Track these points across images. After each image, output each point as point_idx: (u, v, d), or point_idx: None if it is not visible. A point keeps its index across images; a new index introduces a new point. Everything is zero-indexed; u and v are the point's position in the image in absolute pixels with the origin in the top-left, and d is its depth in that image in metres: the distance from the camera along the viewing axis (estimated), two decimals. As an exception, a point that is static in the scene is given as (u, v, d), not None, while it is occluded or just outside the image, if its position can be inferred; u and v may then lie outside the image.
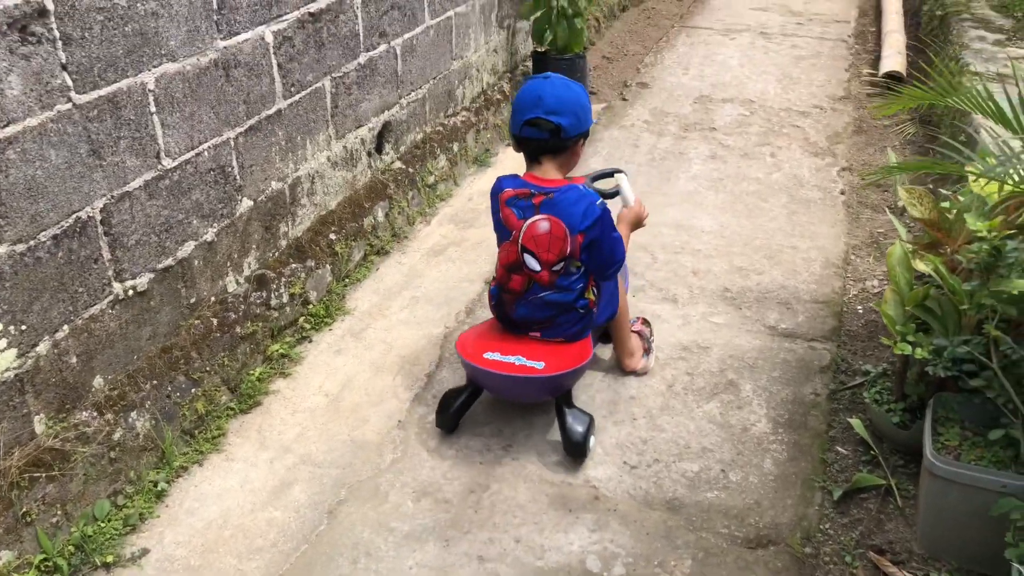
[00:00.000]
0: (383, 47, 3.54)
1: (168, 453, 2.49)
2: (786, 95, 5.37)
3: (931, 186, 4.11)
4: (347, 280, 3.40)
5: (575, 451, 2.53)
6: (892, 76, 5.31)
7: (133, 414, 2.40)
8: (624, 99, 5.36)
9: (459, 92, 4.35)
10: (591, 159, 4.53)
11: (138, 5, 2.27)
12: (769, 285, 3.42)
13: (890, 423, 2.53)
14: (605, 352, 3.02)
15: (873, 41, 6.41)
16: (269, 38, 2.82)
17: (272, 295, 2.96)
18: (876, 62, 5.84)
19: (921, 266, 2.42)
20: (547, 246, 2.50)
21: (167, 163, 2.47)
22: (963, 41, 4.97)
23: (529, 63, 5.11)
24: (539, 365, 2.52)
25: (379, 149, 3.68)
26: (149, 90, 2.36)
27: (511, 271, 2.59)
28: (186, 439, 2.59)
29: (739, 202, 4.09)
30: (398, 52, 3.66)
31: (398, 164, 3.82)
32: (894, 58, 5.50)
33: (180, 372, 2.58)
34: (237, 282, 2.87)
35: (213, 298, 2.77)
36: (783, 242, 3.73)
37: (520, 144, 2.58)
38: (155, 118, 2.40)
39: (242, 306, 2.84)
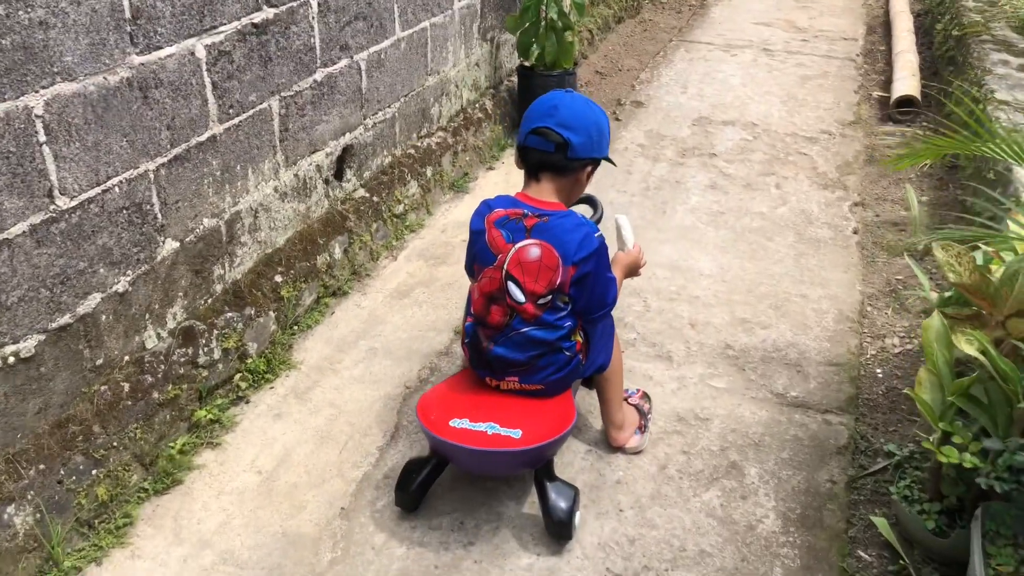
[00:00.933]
0: (344, 62, 3.12)
1: (56, 554, 2.06)
2: (791, 118, 4.97)
3: (951, 226, 3.73)
4: (295, 328, 2.98)
5: (559, 531, 2.18)
6: (906, 101, 4.92)
7: (10, 508, 1.98)
8: (617, 119, 4.96)
9: (435, 110, 3.93)
10: (579, 187, 4.12)
11: (20, 13, 1.85)
12: (776, 342, 3.01)
13: (923, 528, 2.13)
14: (594, 419, 2.61)
15: (883, 61, 6.02)
16: (201, 53, 2.40)
17: (201, 351, 2.54)
18: (887, 84, 5.46)
19: (965, 346, 2.01)
20: (536, 275, 2.15)
21: (63, 203, 2.05)
22: (985, 65, 4.58)
23: (515, 78, 4.70)
24: (515, 434, 2.13)
25: (339, 176, 3.26)
26: (36, 116, 1.93)
27: (492, 301, 2.22)
28: (83, 532, 2.16)
29: (742, 240, 3.68)
30: (363, 67, 3.25)
31: (361, 192, 3.40)
32: (907, 81, 5.11)
33: (77, 451, 2.15)
34: (159, 336, 2.45)
35: (127, 358, 2.34)
36: (791, 289, 3.33)
37: (523, 156, 2.26)
38: (45, 149, 1.97)
39: (162, 366, 2.42)
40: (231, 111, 2.57)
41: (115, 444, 2.25)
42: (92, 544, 2.16)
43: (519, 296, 2.18)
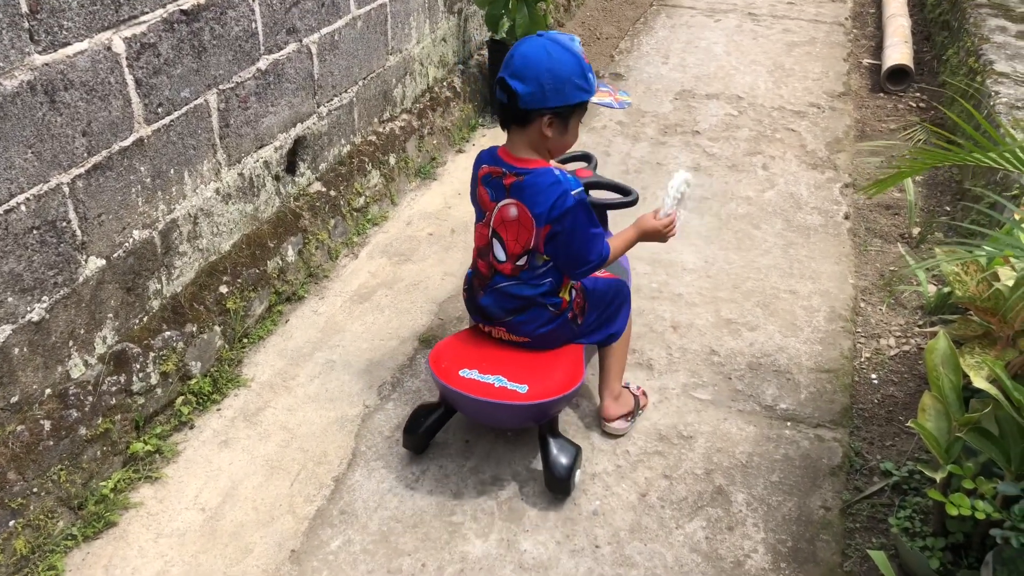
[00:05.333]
0: (292, 46, 2.84)
1: (-33, 620, 1.85)
2: (778, 90, 4.72)
3: (948, 218, 3.52)
4: (245, 340, 2.74)
5: (558, 487, 2.21)
6: (899, 70, 4.67)
7: (-90, 577, 1.76)
8: (595, 93, 4.68)
9: (397, 92, 3.66)
10: (554, 171, 3.86)
11: None
12: (764, 346, 2.81)
13: (926, 566, 1.95)
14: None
15: (873, 24, 5.76)
16: (119, 47, 2.13)
17: (135, 376, 2.31)
18: (878, 50, 5.21)
19: (976, 377, 1.81)
20: (516, 235, 2.15)
21: (-45, 229, 1.80)
22: (982, 32, 4.34)
23: (485, 52, 4.42)
24: (522, 388, 2.16)
25: (291, 170, 3.00)
26: (-85, 133, 1.67)
27: (480, 255, 2.27)
28: (1, 591, 1.94)
29: (727, 229, 3.46)
30: (314, 51, 2.97)
31: (317, 186, 3.14)
32: (899, 48, 4.86)
33: (-9, 503, 1.93)
34: (86, 364, 2.21)
35: (48, 391, 2.11)
36: (779, 284, 3.12)
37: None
38: (-70, 170, 1.72)
39: (90, 397, 2.19)
40: (160, 110, 2.31)
41: (35, 490, 2.02)
42: (12, 603, 1.95)
43: (500, 254, 2.19)
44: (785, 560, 2.10)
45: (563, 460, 2.19)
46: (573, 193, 2.08)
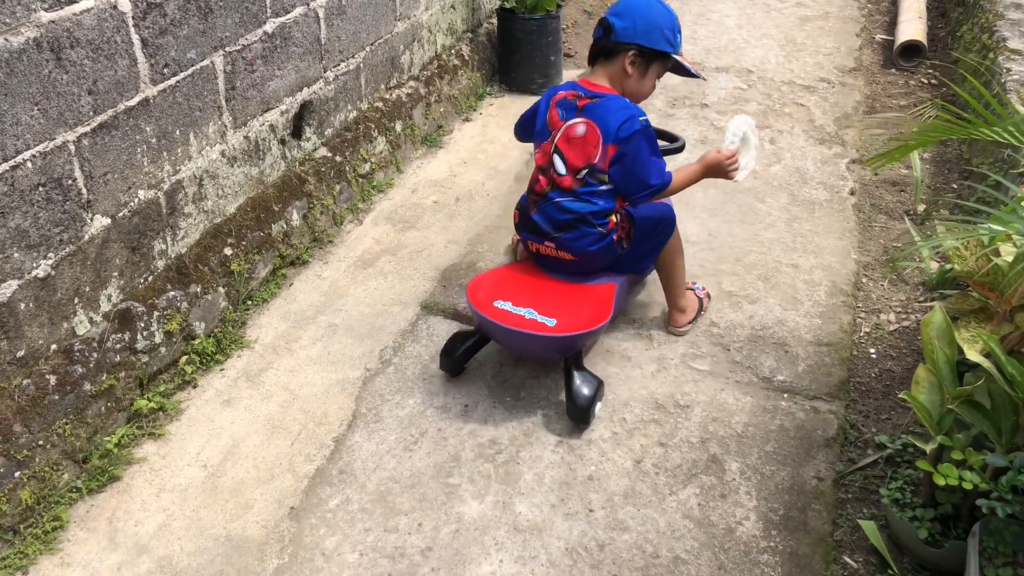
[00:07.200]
0: (300, 9, 2.84)
1: (-27, 566, 1.90)
2: (789, 65, 4.69)
3: (954, 195, 3.51)
4: (249, 302, 2.77)
5: (579, 416, 2.35)
6: (911, 47, 4.63)
7: (-82, 522, 1.80)
8: (604, 64, 4.66)
9: (405, 59, 3.65)
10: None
11: None
12: (764, 318, 2.82)
13: (915, 536, 1.97)
14: (564, 410, 2.44)
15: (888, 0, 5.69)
16: (125, 6, 2.14)
17: (139, 334, 2.34)
18: (891, 26, 5.15)
19: (969, 350, 1.82)
20: (579, 150, 2.39)
21: (-38, 184, 1.82)
22: (997, 9, 4.29)
23: (495, 20, 4.39)
24: (550, 322, 2.33)
25: (297, 134, 3.01)
26: (-78, 87, 1.69)
27: (541, 172, 2.48)
28: (7, 539, 1.99)
29: (731, 202, 3.46)
30: (321, 15, 2.96)
31: (322, 152, 3.15)
32: (913, 24, 4.81)
33: (-3, 454, 1.97)
34: (91, 322, 2.24)
35: (54, 347, 2.14)
36: (782, 258, 3.12)
37: None
38: (-63, 124, 1.74)
39: (95, 354, 2.22)
40: (166, 71, 2.32)
41: (41, 443, 2.06)
42: (17, 552, 2.00)
43: (561, 168, 2.42)
44: (776, 528, 2.13)
45: (585, 391, 2.33)
46: (640, 119, 2.34)
